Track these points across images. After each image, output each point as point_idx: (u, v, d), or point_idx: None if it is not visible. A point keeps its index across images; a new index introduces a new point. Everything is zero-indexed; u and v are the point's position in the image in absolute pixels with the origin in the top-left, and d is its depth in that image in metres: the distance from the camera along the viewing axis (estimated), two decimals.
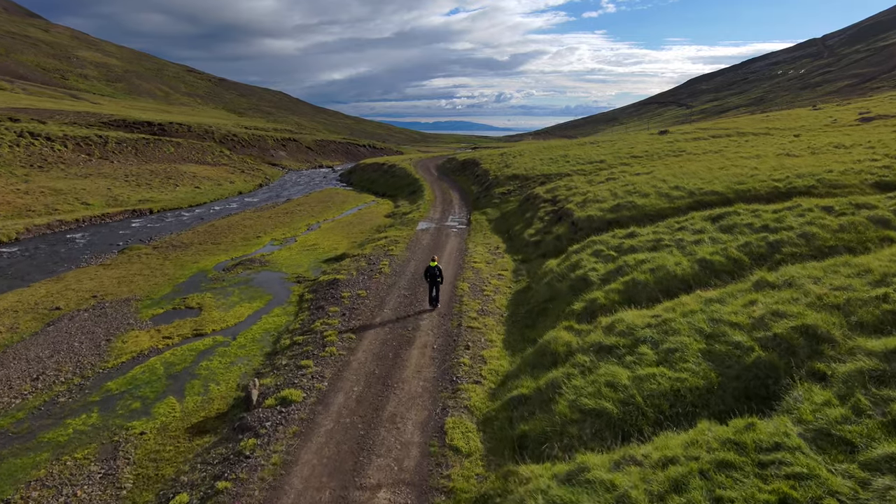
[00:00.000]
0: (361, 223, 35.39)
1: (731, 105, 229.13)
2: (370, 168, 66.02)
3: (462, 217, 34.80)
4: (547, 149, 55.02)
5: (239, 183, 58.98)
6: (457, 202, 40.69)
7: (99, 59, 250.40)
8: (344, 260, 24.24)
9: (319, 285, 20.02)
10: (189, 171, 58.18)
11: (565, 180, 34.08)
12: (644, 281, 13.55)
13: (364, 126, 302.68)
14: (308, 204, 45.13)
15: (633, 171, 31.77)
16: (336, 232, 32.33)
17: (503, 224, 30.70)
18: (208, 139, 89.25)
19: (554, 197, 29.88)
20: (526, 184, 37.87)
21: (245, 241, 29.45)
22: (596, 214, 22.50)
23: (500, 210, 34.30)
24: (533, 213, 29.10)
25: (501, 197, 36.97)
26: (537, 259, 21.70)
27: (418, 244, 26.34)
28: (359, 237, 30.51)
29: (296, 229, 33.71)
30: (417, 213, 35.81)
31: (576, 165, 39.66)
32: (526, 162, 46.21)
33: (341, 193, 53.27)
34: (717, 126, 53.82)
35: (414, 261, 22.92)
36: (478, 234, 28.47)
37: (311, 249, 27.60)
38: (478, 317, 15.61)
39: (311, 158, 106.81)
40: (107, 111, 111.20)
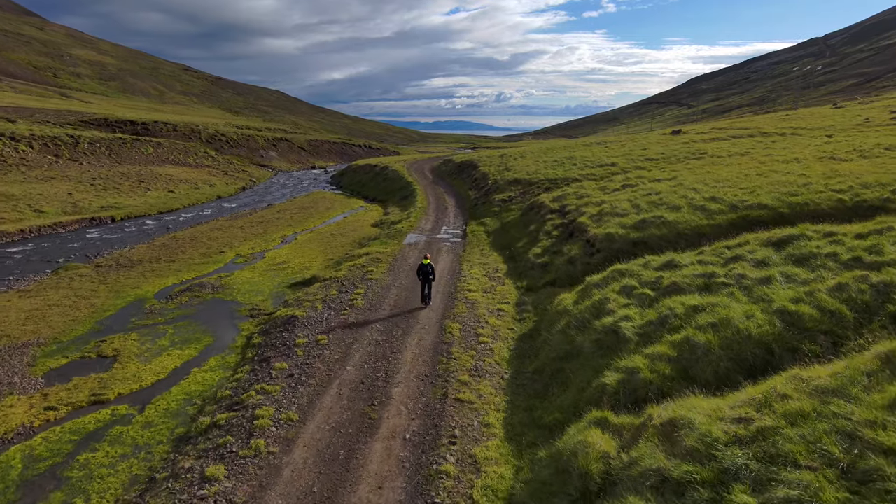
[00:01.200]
0: (343, 234, 31.35)
1: (734, 105, 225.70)
2: (361, 170, 61.96)
3: (457, 228, 30.77)
4: (551, 150, 51.00)
5: (219, 186, 54.93)
6: (452, 210, 36.65)
7: (93, 58, 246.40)
8: (312, 285, 20.20)
9: (274, 323, 15.97)
10: (166, 173, 54.12)
11: (574, 186, 30.03)
12: (705, 344, 9.50)
13: (362, 125, 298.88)
14: (289, 210, 41.09)
15: (653, 177, 27.75)
16: (312, 246, 28.29)
17: (504, 238, 26.65)
18: (194, 139, 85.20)
19: (562, 207, 25.84)
20: (529, 189, 33.82)
21: (205, 259, 25.40)
22: (617, 232, 18.44)
23: (500, 220, 30.25)
24: (538, 225, 25.04)
25: (502, 204, 32.93)
26: (545, 288, 17.65)
27: (403, 264, 22.29)
28: (337, 252, 26.46)
29: (268, 242, 29.66)
30: (407, 223, 31.77)
31: (584, 169, 35.63)
32: (528, 165, 42.18)
33: (328, 198, 49.22)
34: (734, 125, 49.87)
35: (395, 288, 18.87)
36: (474, 251, 24.43)
37: (279, 269, 23.55)
38: (470, 380, 11.57)
39: (304, 159, 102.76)
40: (93, 110, 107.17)
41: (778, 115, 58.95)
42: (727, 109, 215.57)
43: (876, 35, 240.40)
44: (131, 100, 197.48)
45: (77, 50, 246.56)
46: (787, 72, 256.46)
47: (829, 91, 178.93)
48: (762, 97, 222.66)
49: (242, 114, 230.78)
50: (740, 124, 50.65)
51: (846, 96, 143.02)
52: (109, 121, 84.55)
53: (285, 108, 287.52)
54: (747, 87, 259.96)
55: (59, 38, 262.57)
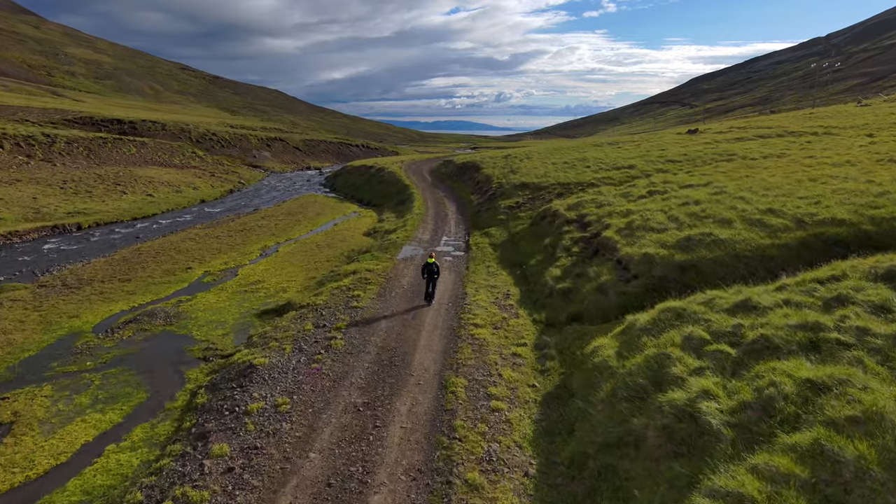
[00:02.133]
0: (331, 245, 27.88)
1: (736, 104, 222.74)
2: (356, 172, 58.45)
3: (459, 239, 27.30)
4: (558, 151, 47.54)
5: (204, 189, 51.44)
6: (453, 217, 33.17)
7: (89, 57, 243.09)
8: (286, 315, 16.74)
9: (227, 373, 12.51)
10: (146, 175, 50.63)
11: (591, 192, 26.58)
12: (855, 461, 6.06)
13: (361, 125, 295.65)
14: (275, 217, 37.61)
15: (682, 182, 24.31)
16: (294, 260, 24.83)
17: (513, 252, 23.18)
18: (183, 138, 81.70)
19: (581, 216, 22.39)
20: (539, 195, 30.36)
21: (167, 277, 21.92)
22: (657, 253, 14.99)
23: (507, 230, 26.79)
24: (554, 239, 21.57)
25: (508, 212, 29.47)
26: (571, 325, 14.18)
27: (397, 285, 18.84)
28: (321, 269, 23.00)
29: (245, 255, 26.20)
30: (403, 233, 28.31)
31: (599, 172, 32.18)
32: (536, 167, 38.73)
33: (319, 202, 45.75)
34: (754, 124, 46.47)
35: (386, 320, 15.42)
36: (479, 268, 20.97)
37: (251, 291, 20.08)
38: (482, 480, 8.13)
39: (299, 159, 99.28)
40: (80, 108, 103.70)
41: (801, 113, 55.55)
42: (730, 109, 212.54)
43: (879, 34, 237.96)
44: (126, 99, 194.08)
45: (73, 49, 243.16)
46: (790, 71, 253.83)
47: (834, 90, 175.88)
48: (765, 97, 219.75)
49: (240, 113, 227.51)
50: (761, 123, 47.24)
51: (854, 95, 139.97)
52: (95, 119, 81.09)
53: (283, 107, 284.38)
54: (750, 87, 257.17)
55: (56, 36, 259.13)
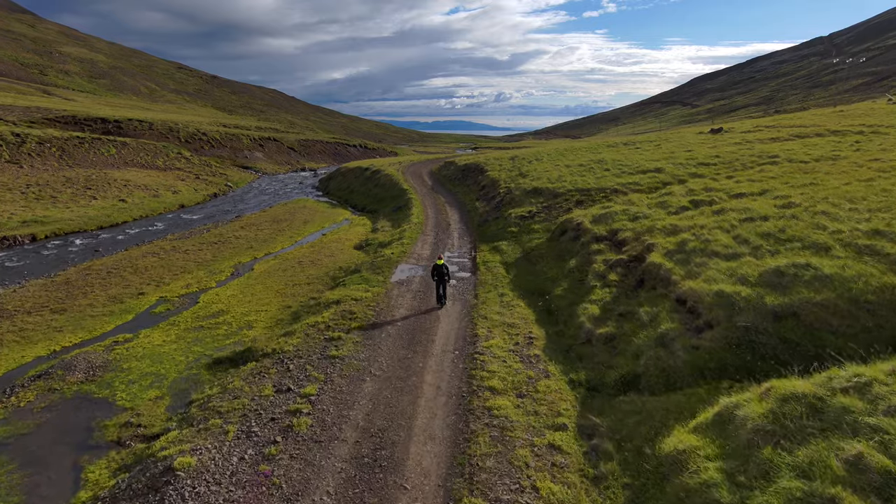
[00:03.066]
0: (316, 262, 24.00)
1: (739, 104, 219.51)
2: (351, 174, 54.49)
3: (464, 255, 23.42)
4: (570, 152, 43.65)
5: (185, 192, 47.51)
6: (456, 227, 29.27)
7: (85, 55, 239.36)
8: (243, 368, 12.84)
9: (137, 477, 8.62)
10: (123, 178, 46.73)
11: (619, 202, 22.71)
12: None
13: (360, 125, 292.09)
14: (257, 225, 33.71)
15: (730, 190, 20.45)
16: (270, 282, 20.93)
17: (530, 274, 19.29)
18: (171, 138, 77.81)
19: (612, 232, 18.52)
20: (555, 203, 26.49)
21: (110, 306, 18.02)
22: (736, 292, 11.09)
23: (520, 245, 22.91)
24: (581, 260, 17.69)
25: (520, 223, 25.59)
26: (625, 394, 10.28)
27: (388, 322, 14.95)
28: (299, 295, 19.11)
29: (213, 274, 22.31)
30: (398, 247, 24.42)
31: (622, 177, 28.30)
32: (547, 170, 34.85)
33: (309, 208, 41.84)
34: (784, 123, 42.66)
35: (372, 380, 11.53)
36: (490, 297, 17.09)
37: (208, 327, 16.18)
38: None
39: (293, 160, 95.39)
40: (67, 107, 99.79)
41: (828, 111, 51.76)
42: (733, 109, 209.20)
43: (881, 34, 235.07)
44: (119, 98, 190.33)
45: (68, 47, 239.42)
46: (792, 71, 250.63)
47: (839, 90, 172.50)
48: (768, 97, 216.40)
49: (237, 113, 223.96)
50: (790, 122, 43.41)
51: (860, 95, 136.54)
52: (78, 119, 77.29)
53: (281, 107, 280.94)
54: (752, 87, 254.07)
55: (51, 35, 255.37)
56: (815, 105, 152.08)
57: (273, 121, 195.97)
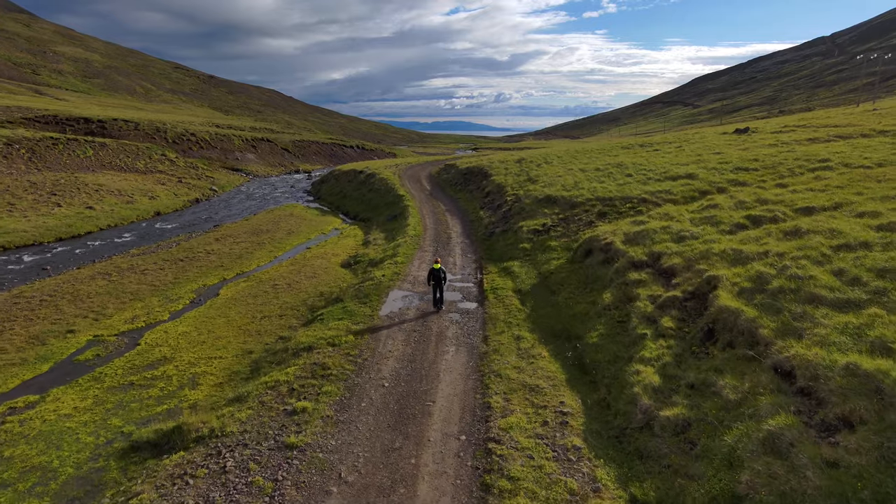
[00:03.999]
0: (293, 286, 20.34)
1: (742, 104, 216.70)
2: (344, 177, 50.80)
3: (468, 276, 19.75)
4: (582, 154, 39.98)
5: (164, 198, 43.82)
6: (458, 241, 25.62)
7: (80, 55, 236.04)
8: (165, 462, 9.15)
9: None
10: (96, 182, 43.06)
11: (654, 215, 19.05)
12: None
13: (359, 125, 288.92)
14: (234, 237, 30.03)
15: (791, 202, 16.82)
16: (232, 315, 17.27)
17: (550, 307, 15.65)
18: (157, 139, 74.17)
19: (654, 256, 14.89)
20: (573, 215, 22.83)
21: (24, 351, 14.34)
22: (884, 372, 7.48)
23: (535, 267, 19.26)
24: (618, 293, 14.03)
25: (533, 238, 21.94)
26: None
27: (372, 386, 11.30)
28: (265, 336, 15.46)
29: (169, 302, 18.66)
30: (391, 267, 20.76)
31: (649, 184, 24.67)
32: (559, 174, 31.21)
33: (296, 215, 38.17)
34: (815, 122, 39.08)
35: (339, 489, 7.90)
36: (504, 341, 13.43)
37: (140, 384, 12.52)
38: None
39: (287, 162, 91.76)
40: (50, 106, 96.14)
41: (860, 109, 48.20)
42: (735, 109, 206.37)
43: (884, 34, 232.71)
44: (113, 97, 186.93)
45: (63, 47, 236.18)
46: (795, 71, 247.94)
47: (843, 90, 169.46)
48: (771, 96, 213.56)
49: (234, 113, 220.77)
50: (822, 121, 39.83)
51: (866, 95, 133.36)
52: (60, 118, 73.71)
53: (279, 107, 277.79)
54: (754, 87, 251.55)
55: (47, 34, 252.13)
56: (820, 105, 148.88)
57: (270, 121, 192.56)
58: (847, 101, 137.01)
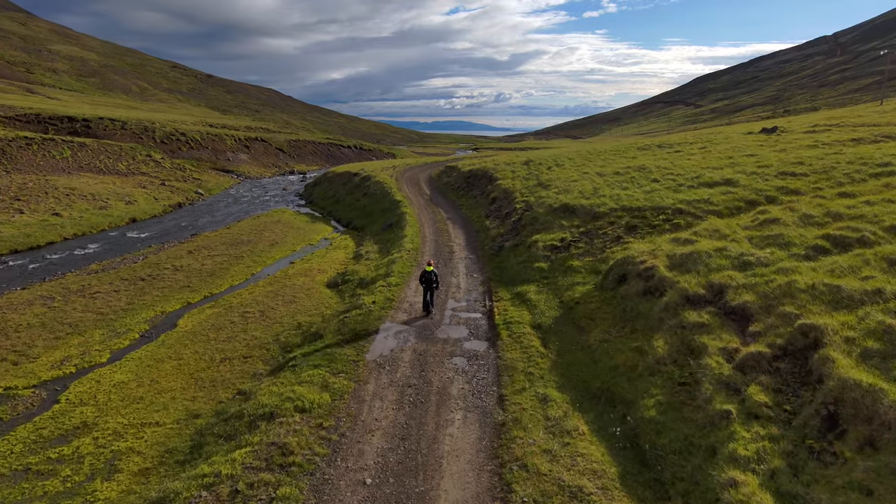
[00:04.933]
0: (266, 315, 17.11)
1: (745, 104, 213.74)
2: (338, 180, 47.53)
3: (474, 304, 16.50)
4: (595, 155, 36.71)
5: (143, 203, 40.57)
6: (462, 256, 22.36)
7: (75, 54, 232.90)
8: None
9: None
10: (68, 185, 39.82)
11: (699, 234, 15.79)
12: None
13: (358, 125, 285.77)
14: (210, 249, 26.79)
15: (877, 219, 13.59)
16: (186, 356, 14.05)
17: (581, 351, 12.43)
18: (145, 139, 70.93)
19: (713, 289, 11.65)
20: (596, 228, 19.59)
21: None
22: None
23: (555, 293, 16.03)
24: (673, 341, 10.80)
25: (550, 256, 18.71)
26: None
27: (349, 484, 8.09)
28: (219, 389, 12.24)
29: (115, 336, 15.44)
30: (383, 291, 17.54)
31: (682, 191, 21.41)
32: (573, 178, 27.98)
33: (284, 222, 34.92)
34: (848, 121, 35.91)
35: None
36: (526, 404, 10.21)
37: (37, 475, 9.26)
38: None
39: (281, 162, 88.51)
40: (36, 105, 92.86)
41: (893, 107, 45.01)
42: (738, 109, 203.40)
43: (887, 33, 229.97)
44: (107, 97, 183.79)
45: (59, 45, 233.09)
46: (797, 70, 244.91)
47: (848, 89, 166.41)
48: (774, 96, 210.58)
49: (231, 112, 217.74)
50: (853, 119, 36.65)
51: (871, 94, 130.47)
52: (42, 117, 70.52)
53: (277, 106, 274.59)
54: (756, 86, 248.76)
55: (42, 33, 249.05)
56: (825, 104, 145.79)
57: (268, 121, 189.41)
58: (853, 101, 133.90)
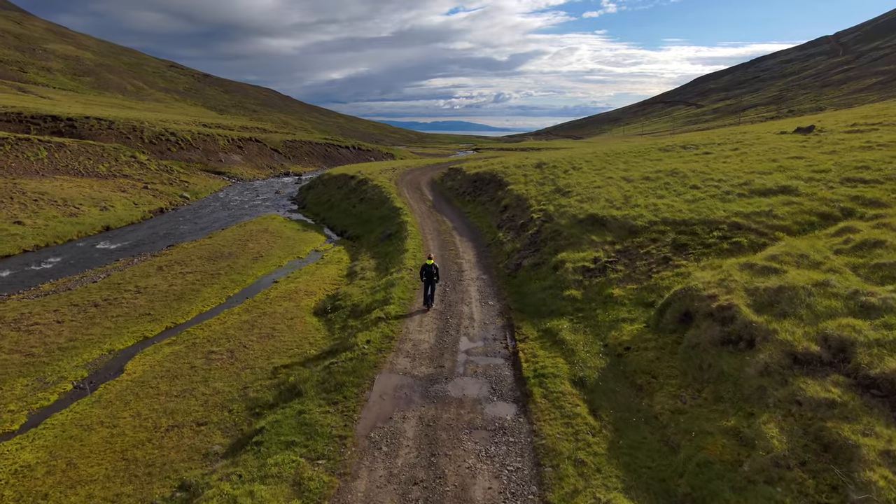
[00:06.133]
0: (235, 356, 13.86)
1: (748, 104, 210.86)
2: (333, 183, 44.22)
3: (493, 344, 13.23)
4: (615, 157, 33.41)
5: (120, 208, 37.26)
6: (472, 276, 19.07)
7: (70, 53, 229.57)
8: None
9: None
10: (38, 190, 36.54)
11: (783, 261, 12.49)
12: None
13: (357, 125, 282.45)
14: (185, 264, 23.51)
15: None
16: (123, 422, 10.82)
17: (644, 423, 9.21)
18: (132, 139, 67.67)
19: (830, 345, 8.36)
20: (634, 246, 16.34)
21: None
22: None
23: (595, 330, 12.78)
24: (793, 427, 7.57)
25: (583, 281, 15.45)
26: None
27: None
28: (156, 479, 8.97)
29: (42, 388, 12.21)
30: (382, 326, 14.27)
31: (732, 201, 18.15)
32: (596, 184, 24.74)
33: (272, 231, 31.65)
34: (889, 118, 32.72)
35: None
36: None
37: None
38: None
39: (277, 163, 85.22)
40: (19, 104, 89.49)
41: None
42: (741, 109, 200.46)
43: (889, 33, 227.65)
44: (101, 96, 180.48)
45: (54, 44, 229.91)
46: (799, 70, 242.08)
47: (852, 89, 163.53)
48: (778, 96, 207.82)
49: (228, 112, 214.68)
50: (893, 118, 33.47)
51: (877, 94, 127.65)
52: (24, 116, 67.37)
53: (276, 106, 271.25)
54: (758, 86, 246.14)
55: (38, 32, 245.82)
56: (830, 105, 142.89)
57: (266, 121, 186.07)
58: (858, 101, 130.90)
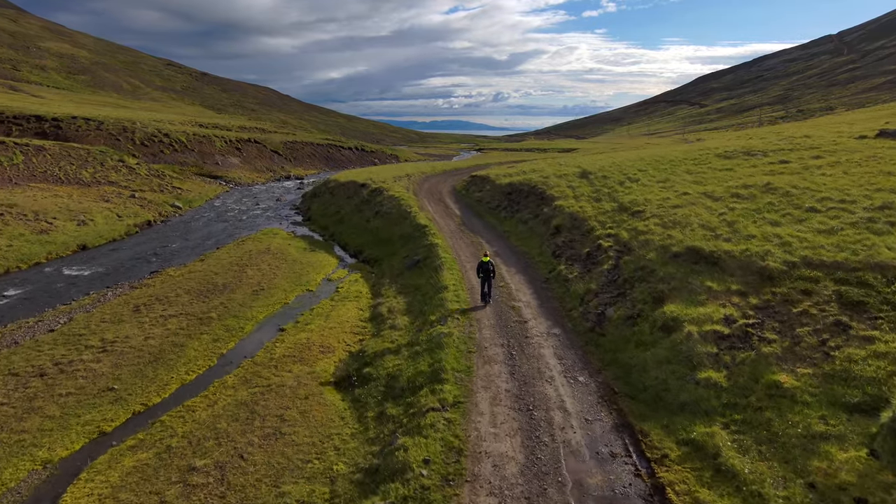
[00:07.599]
0: (229, 479, 9.33)
1: (751, 104, 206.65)
2: (341, 191, 39.51)
3: (610, 463, 8.63)
4: (668, 164, 28.78)
5: (100, 222, 32.62)
6: (539, 330, 14.44)
7: (66, 51, 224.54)
8: None
9: None
10: (7, 201, 31.88)
11: None
12: None
13: (357, 125, 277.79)
14: (167, 301, 18.93)
15: None
16: None
17: None
18: (122, 140, 63.03)
19: None
20: (779, 301, 11.82)
21: None
22: None
23: (781, 455, 8.30)
24: None
25: (721, 356, 10.94)
26: None
27: None
28: None
29: None
30: (440, 424, 9.78)
31: (888, 233, 13.69)
32: (672, 202, 20.19)
33: (274, 251, 27.07)
34: None
35: None
36: None
37: None
38: None
39: (276, 166, 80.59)
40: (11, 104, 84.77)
41: None
42: (745, 108, 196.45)
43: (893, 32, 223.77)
44: (95, 95, 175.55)
45: (49, 42, 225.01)
46: (803, 69, 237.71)
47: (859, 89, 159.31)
48: (783, 95, 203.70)
49: (226, 111, 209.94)
50: None
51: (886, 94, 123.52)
52: (6, 116, 62.67)
53: (275, 105, 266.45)
54: (762, 86, 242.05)
55: (34, 30, 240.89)
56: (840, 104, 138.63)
57: (265, 120, 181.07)
58: (870, 101, 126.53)
